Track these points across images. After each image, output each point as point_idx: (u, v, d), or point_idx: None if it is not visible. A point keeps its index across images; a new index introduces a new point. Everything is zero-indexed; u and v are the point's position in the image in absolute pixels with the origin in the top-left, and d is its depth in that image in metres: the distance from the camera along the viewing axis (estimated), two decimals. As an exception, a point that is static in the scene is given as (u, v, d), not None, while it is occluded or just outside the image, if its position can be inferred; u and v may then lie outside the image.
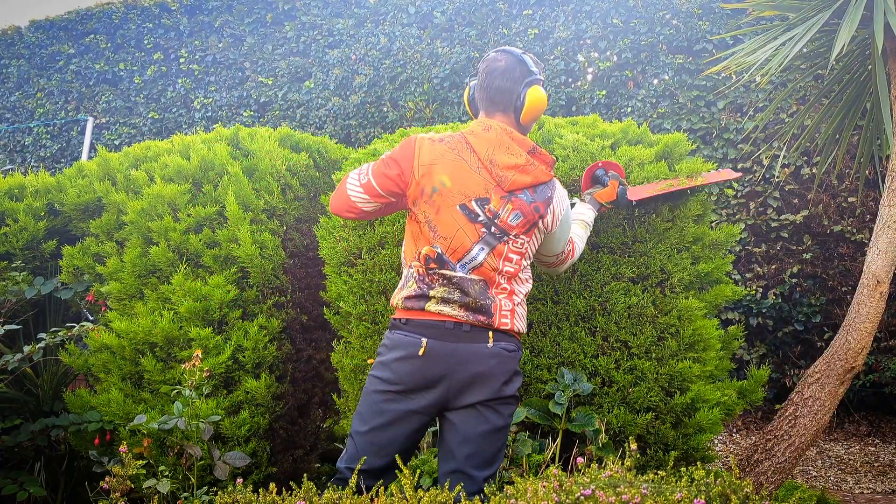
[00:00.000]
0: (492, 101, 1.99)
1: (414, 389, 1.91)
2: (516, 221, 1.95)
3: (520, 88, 1.97)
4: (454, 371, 1.90)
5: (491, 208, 1.93)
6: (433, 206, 1.93)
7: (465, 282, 1.91)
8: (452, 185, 1.92)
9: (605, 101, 4.98)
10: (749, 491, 1.74)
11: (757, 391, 2.81)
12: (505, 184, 1.93)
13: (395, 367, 1.92)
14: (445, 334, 1.90)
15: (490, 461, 1.94)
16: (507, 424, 1.97)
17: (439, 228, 1.93)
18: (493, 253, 1.93)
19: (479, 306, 1.92)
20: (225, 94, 6.12)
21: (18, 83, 6.97)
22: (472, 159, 1.95)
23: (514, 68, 1.97)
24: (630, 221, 2.54)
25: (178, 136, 3.03)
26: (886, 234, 2.71)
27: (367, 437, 1.93)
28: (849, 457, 4.31)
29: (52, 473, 2.77)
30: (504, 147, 1.94)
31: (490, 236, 1.93)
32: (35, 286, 2.88)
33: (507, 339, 1.95)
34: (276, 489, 1.81)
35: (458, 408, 1.93)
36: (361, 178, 1.98)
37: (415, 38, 5.55)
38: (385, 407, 1.93)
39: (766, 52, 2.90)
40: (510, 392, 1.94)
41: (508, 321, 1.94)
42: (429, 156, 1.95)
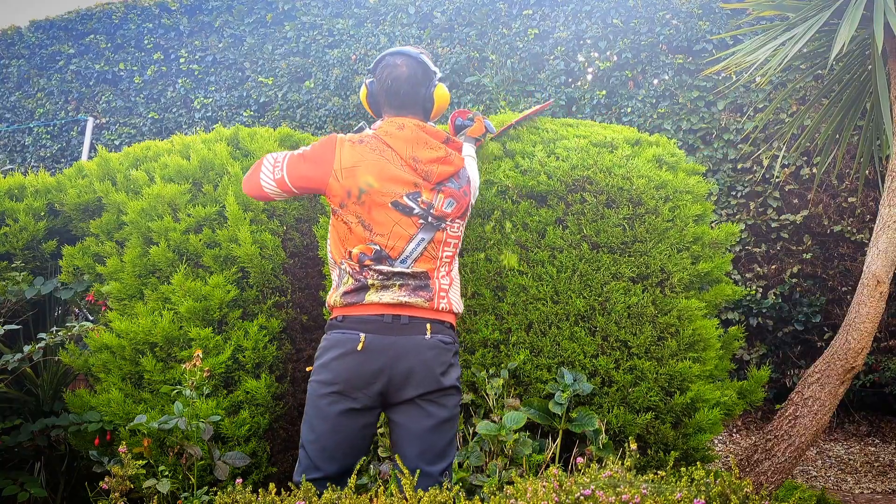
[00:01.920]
0: (401, 106, 2.06)
1: (355, 387, 1.92)
2: (451, 208, 2.03)
3: (425, 90, 2.05)
4: (393, 364, 1.92)
5: (424, 200, 2.00)
6: (364, 207, 1.97)
7: (403, 275, 1.97)
8: (380, 185, 1.97)
9: (604, 101, 4.98)
10: (749, 491, 1.74)
11: (757, 392, 2.81)
12: (432, 177, 2.01)
13: (333, 367, 1.93)
14: (383, 328, 1.93)
15: (442, 454, 1.96)
16: (454, 416, 2.00)
17: (375, 227, 1.97)
18: (433, 241, 2.01)
19: (418, 286, 1.97)
20: (225, 94, 6.12)
21: (18, 83, 6.97)
22: (394, 158, 2.00)
23: (416, 73, 2.03)
24: (630, 221, 2.54)
25: (178, 136, 3.03)
26: (886, 234, 2.71)
27: (317, 444, 1.94)
28: (849, 457, 4.31)
29: (52, 473, 2.77)
30: (422, 143, 2.01)
31: (428, 226, 2.00)
32: (35, 286, 2.88)
33: (444, 331, 1.99)
34: (275, 489, 1.81)
35: (398, 403, 1.95)
36: (276, 171, 2.01)
37: (415, 38, 5.54)
38: (329, 410, 1.93)
39: (765, 52, 2.90)
40: (449, 383, 1.97)
41: (445, 297, 2.00)
42: (350, 158, 1.99)
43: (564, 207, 2.56)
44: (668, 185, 2.61)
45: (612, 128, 2.88)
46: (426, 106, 2.07)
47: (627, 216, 2.53)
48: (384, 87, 2.05)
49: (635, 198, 2.55)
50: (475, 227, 2.56)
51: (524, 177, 2.57)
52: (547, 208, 2.55)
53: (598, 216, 2.53)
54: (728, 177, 4.71)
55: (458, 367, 2.03)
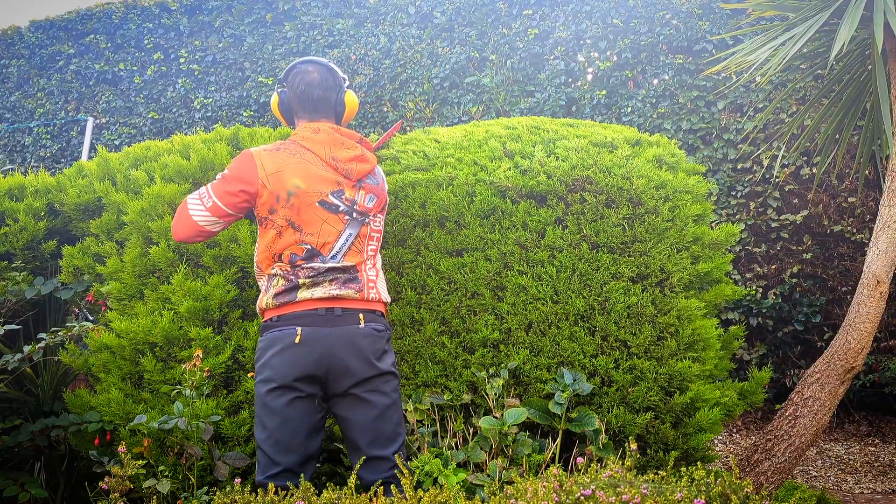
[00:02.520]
0: (315, 110, 2.17)
1: (296, 378, 1.99)
2: (372, 203, 2.16)
3: (336, 95, 2.19)
4: (331, 353, 2.00)
5: (348, 197, 2.12)
6: (293, 209, 2.06)
7: (334, 269, 2.06)
8: (307, 186, 2.07)
9: (604, 101, 4.98)
10: (749, 491, 1.74)
11: (758, 392, 2.81)
12: (352, 175, 2.13)
13: (273, 363, 2.00)
14: (318, 321, 2.02)
15: (391, 438, 2.06)
16: (396, 400, 2.09)
17: (305, 227, 2.06)
18: (360, 236, 2.13)
19: (347, 278, 2.06)
20: (225, 94, 6.12)
21: (18, 83, 6.97)
22: (314, 160, 2.11)
23: (327, 78, 2.18)
24: (630, 221, 2.54)
25: (178, 136, 3.03)
26: (886, 234, 2.71)
27: (271, 440, 2.00)
28: (849, 457, 4.31)
29: (52, 473, 2.77)
30: (339, 143, 2.14)
31: (354, 222, 2.12)
32: (35, 286, 2.88)
33: (377, 320, 2.09)
34: (274, 489, 1.81)
35: (340, 394, 2.03)
36: (205, 201, 2.08)
37: (415, 38, 5.54)
38: (276, 404, 2.00)
39: (765, 52, 2.90)
40: (385, 367, 2.06)
41: (374, 287, 2.11)
42: (273, 164, 2.08)
43: (564, 207, 2.56)
44: (668, 185, 2.61)
45: (612, 128, 2.88)
46: (338, 110, 2.20)
47: (627, 216, 2.53)
48: (297, 93, 2.17)
49: (635, 198, 2.55)
50: (474, 226, 2.56)
51: (524, 177, 2.57)
52: (546, 208, 2.55)
53: (597, 216, 2.53)
54: (728, 177, 4.71)
55: (392, 353, 2.14)
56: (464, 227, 2.58)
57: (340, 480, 2.44)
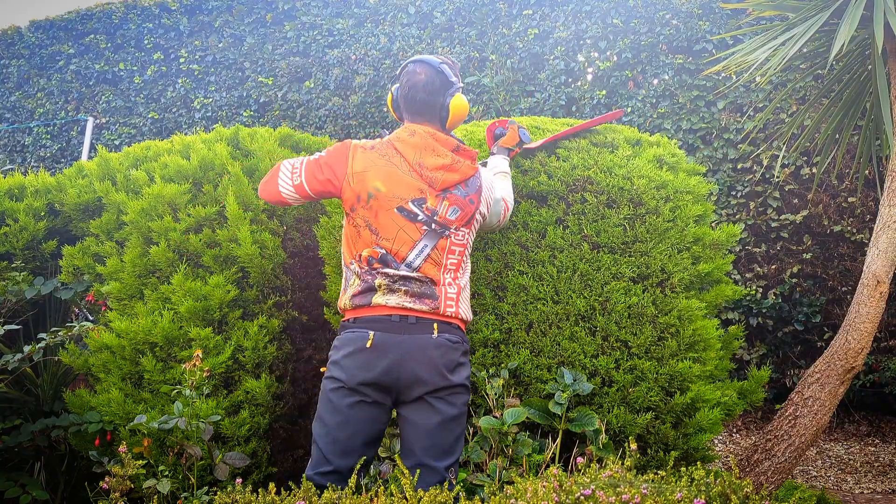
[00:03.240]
0: (418, 113, 2.10)
1: (365, 382, 1.96)
2: (455, 216, 2.06)
3: (442, 99, 2.08)
4: (401, 362, 1.96)
5: (429, 206, 2.03)
6: (371, 211, 2.02)
7: (408, 278, 2.01)
8: (387, 190, 2.02)
9: (605, 101, 4.98)
10: (749, 491, 1.74)
11: (757, 392, 2.81)
12: (436, 184, 2.04)
13: (345, 364, 1.98)
14: (392, 327, 1.98)
15: (448, 451, 2.00)
16: (462, 413, 2.03)
17: (381, 231, 2.02)
18: (437, 248, 2.04)
19: (423, 293, 2.01)
20: (225, 94, 6.12)
21: (18, 83, 6.97)
22: (402, 164, 2.05)
23: (433, 80, 2.07)
24: (631, 221, 2.54)
25: (178, 136, 3.03)
26: (886, 234, 2.71)
27: (329, 437, 1.97)
28: (849, 457, 4.31)
29: (52, 473, 2.77)
30: (430, 149, 2.05)
31: (431, 233, 2.03)
32: (35, 286, 2.88)
33: (452, 331, 2.03)
34: (275, 489, 1.81)
35: (408, 401, 1.99)
36: (294, 177, 2.07)
37: (415, 38, 5.54)
38: (340, 403, 1.97)
39: (765, 52, 2.90)
40: (458, 381, 2.01)
41: (454, 305, 2.03)
42: (361, 163, 2.04)
43: (565, 207, 2.56)
44: (669, 185, 2.61)
45: (612, 128, 2.88)
46: (442, 114, 2.09)
47: (628, 216, 2.53)
48: (403, 94, 2.11)
49: (636, 198, 2.55)
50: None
51: (524, 176, 2.57)
52: (547, 208, 2.55)
53: (598, 216, 2.53)
54: (728, 177, 4.71)
55: (468, 367, 2.06)
56: (464, 227, 2.58)
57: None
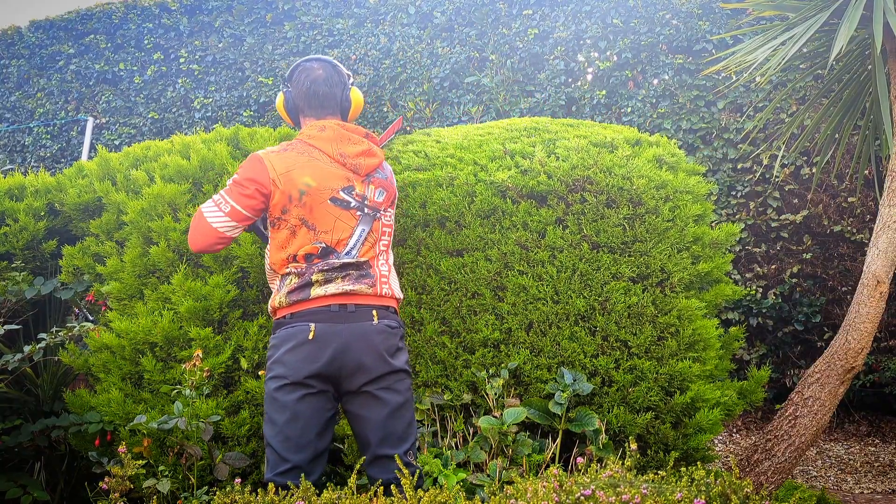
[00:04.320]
0: (321, 106, 2.17)
1: (309, 375, 1.98)
2: (382, 198, 2.16)
3: (343, 91, 2.19)
4: (344, 350, 1.99)
5: (358, 192, 2.11)
6: (306, 208, 2.05)
7: (347, 265, 2.05)
8: (318, 183, 2.06)
9: (604, 101, 4.98)
10: (749, 491, 1.74)
11: (757, 391, 2.81)
12: (361, 169, 2.12)
13: (286, 360, 1.99)
14: (332, 317, 2.01)
15: (403, 437, 2.04)
16: (409, 399, 2.07)
17: (318, 225, 2.06)
18: (372, 230, 2.11)
19: (360, 274, 2.05)
20: (225, 94, 6.12)
21: (18, 83, 6.97)
22: (322, 157, 2.10)
23: (332, 75, 2.18)
24: (630, 221, 2.54)
25: (178, 136, 3.03)
26: (886, 234, 2.71)
27: (280, 436, 1.98)
28: (849, 457, 4.31)
29: (52, 474, 2.77)
30: (346, 139, 2.13)
31: (366, 217, 2.11)
32: (35, 286, 2.88)
33: (390, 316, 2.08)
34: (274, 489, 1.81)
35: (353, 392, 2.01)
36: (223, 207, 2.06)
37: (415, 38, 5.54)
38: (286, 399, 1.98)
39: (765, 52, 2.90)
40: (399, 365, 2.05)
41: (387, 283, 2.10)
42: (282, 165, 2.07)
43: (565, 207, 2.56)
44: (669, 185, 2.62)
45: (612, 128, 2.88)
46: (344, 106, 2.19)
47: (628, 216, 2.53)
48: (303, 91, 2.17)
49: (635, 198, 2.55)
50: (475, 226, 2.56)
51: (524, 177, 2.57)
52: (547, 208, 2.55)
53: (598, 216, 2.53)
54: (728, 176, 4.71)
55: (406, 351, 2.12)
56: (464, 227, 2.58)
57: (340, 480, 2.45)
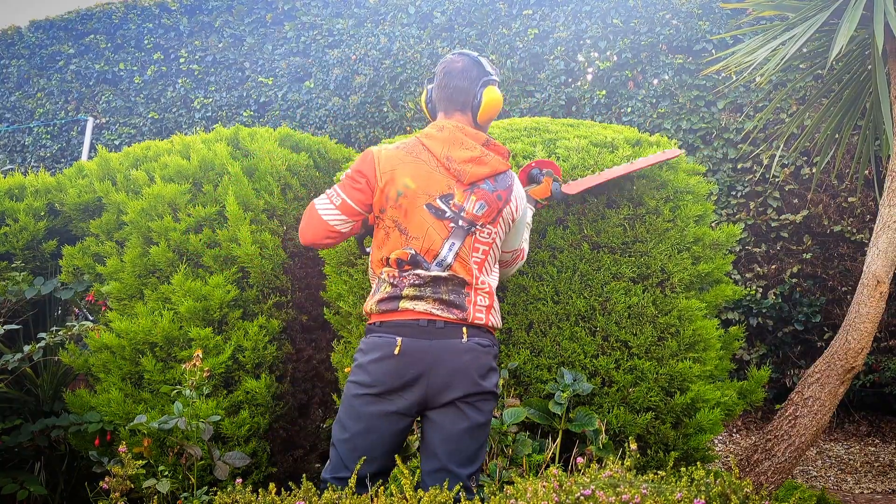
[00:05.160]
0: (450, 100, 2.05)
1: (391, 390, 1.91)
2: (482, 211, 1.99)
3: (477, 88, 2.03)
4: (430, 368, 1.90)
5: (456, 203, 1.97)
6: (400, 210, 1.97)
7: (438, 279, 1.95)
8: (416, 186, 1.97)
9: (604, 101, 4.98)
10: (749, 491, 1.74)
11: (757, 391, 2.81)
12: (465, 177, 1.98)
13: (371, 369, 1.92)
14: (420, 332, 1.92)
15: (472, 458, 1.95)
16: (488, 421, 1.98)
17: (410, 230, 1.97)
18: (464, 245, 1.97)
19: (451, 301, 1.94)
20: (225, 94, 6.12)
21: (18, 83, 6.97)
22: (429, 160, 2.00)
23: (471, 69, 2.04)
24: (631, 221, 2.54)
25: (178, 136, 3.03)
26: (886, 234, 2.71)
27: (349, 444, 1.93)
28: (849, 457, 4.31)
29: (52, 473, 2.77)
30: (458, 143, 2.00)
31: (459, 230, 1.97)
32: (35, 286, 2.88)
33: (482, 335, 1.97)
34: (275, 489, 1.81)
35: (437, 406, 1.93)
36: (334, 200, 2.00)
37: (415, 38, 5.54)
38: (364, 410, 1.92)
39: (765, 52, 2.90)
40: (488, 387, 1.95)
41: (483, 316, 1.97)
42: (388, 163, 2.00)
43: (565, 207, 2.56)
44: (669, 185, 2.62)
45: (612, 128, 2.88)
46: (474, 104, 2.04)
47: (628, 216, 2.53)
48: (438, 83, 2.07)
49: (636, 198, 2.55)
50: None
51: (524, 177, 2.57)
52: (547, 208, 2.55)
53: (598, 216, 2.54)
54: (728, 176, 4.71)
55: (498, 373, 2.01)
56: (464, 227, 2.58)
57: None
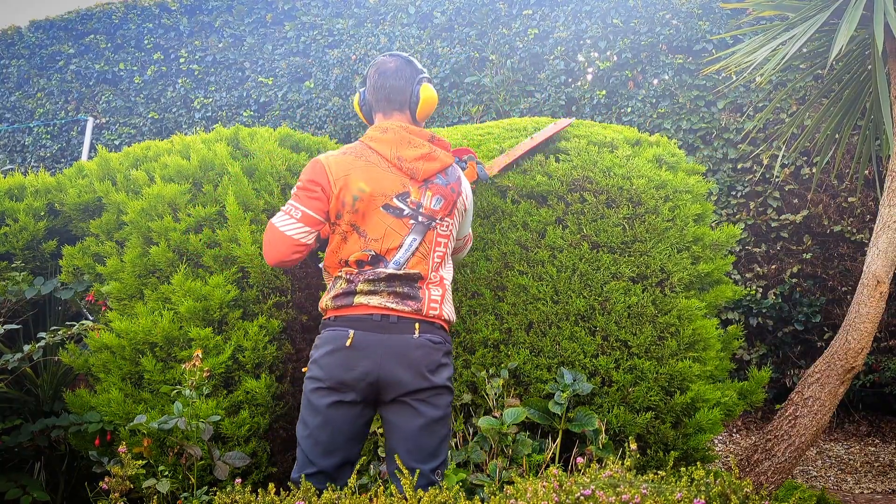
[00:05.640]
0: (388, 100, 2.09)
1: (343, 381, 1.95)
2: (439, 205, 2.05)
3: (413, 86, 2.09)
4: (380, 362, 1.94)
5: (413, 200, 2.02)
6: (358, 214, 2.00)
7: (394, 276, 1.99)
8: (371, 189, 2.00)
9: (604, 101, 4.98)
10: (749, 491, 1.74)
11: (757, 392, 2.81)
12: (418, 174, 2.03)
13: (324, 363, 1.97)
14: (373, 326, 1.96)
15: (433, 453, 1.99)
16: (446, 415, 2.01)
17: (368, 232, 2.00)
18: (425, 241, 2.03)
19: (406, 294, 1.99)
20: (225, 94, 6.12)
21: (18, 83, 6.97)
22: (380, 161, 2.03)
23: (404, 68, 2.09)
24: (630, 221, 2.54)
25: (178, 136, 3.03)
26: (886, 234, 2.71)
27: (310, 439, 1.97)
28: (849, 457, 4.31)
29: (52, 473, 2.77)
30: (406, 142, 2.04)
31: (419, 226, 2.02)
32: (35, 286, 2.88)
33: (434, 331, 2.00)
34: (275, 489, 1.81)
35: (389, 402, 1.98)
36: (294, 213, 2.01)
37: (415, 38, 5.54)
38: (319, 404, 1.96)
39: (765, 52, 2.90)
40: (438, 382, 1.98)
41: (437, 307, 2.01)
42: (340, 169, 2.02)
43: (564, 207, 2.56)
44: (669, 184, 2.62)
45: (612, 128, 2.88)
46: (412, 101, 2.09)
47: (627, 216, 2.53)
48: (373, 85, 2.10)
49: (635, 197, 2.55)
50: (474, 227, 2.56)
51: (524, 176, 2.57)
52: (547, 208, 2.55)
53: (598, 216, 2.54)
54: (728, 176, 4.71)
55: (451, 367, 2.04)
56: (464, 227, 2.58)
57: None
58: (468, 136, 2.84)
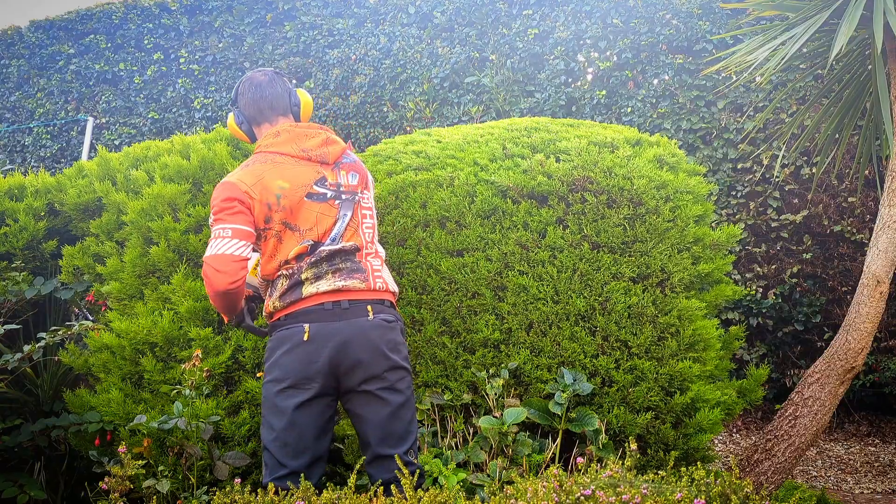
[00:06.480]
0: (272, 108, 2.14)
1: (306, 377, 1.96)
2: (356, 180, 2.14)
3: (290, 92, 2.18)
4: (340, 349, 1.96)
5: (331, 182, 2.10)
6: (286, 210, 2.03)
7: (333, 252, 2.02)
8: (290, 183, 2.04)
9: (604, 101, 4.98)
10: (749, 491, 1.74)
11: (756, 390, 2.81)
12: (329, 157, 2.11)
13: (284, 362, 1.97)
14: (327, 315, 1.98)
15: (403, 436, 2.02)
16: (409, 398, 2.05)
17: (301, 224, 2.04)
18: (354, 215, 2.09)
19: (349, 268, 2.03)
20: (225, 94, 6.12)
21: (18, 83, 6.97)
22: (286, 160, 2.08)
23: (275, 79, 2.17)
24: (631, 221, 2.54)
25: (178, 136, 3.03)
26: (886, 234, 2.71)
27: (278, 442, 1.97)
28: (849, 457, 4.31)
29: (52, 473, 2.77)
30: (303, 135, 2.11)
31: (346, 203, 2.09)
32: (35, 286, 2.88)
33: (386, 310, 2.05)
34: (274, 489, 1.81)
35: (352, 391, 1.99)
36: (224, 234, 1.98)
37: (415, 38, 5.54)
38: (284, 405, 1.96)
39: (765, 52, 2.90)
40: (398, 360, 2.02)
41: (381, 277, 2.07)
42: (250, 178, 2.04)
43: (565, 207, 2.56)
44: (669, 185, 2.62)
45: (612, 128, 2.88)
46: (293, 105, 2.16)
47: (628, 216, 2.53)
48: (250, 99, 2.14)
49: (636, 198, 2.55)
50: (475, 227, 2.57)
51: (524, 177, 2.58)
52: (547, 208, 2.55)
53: (598, 216, 2.54)
54: (728, 177, 4.71)
55: (406, 346, 2.08)
56: (464, 228, 2.58)
57: (341, 480, 2.45)
58: (468, 136, 2.84)
